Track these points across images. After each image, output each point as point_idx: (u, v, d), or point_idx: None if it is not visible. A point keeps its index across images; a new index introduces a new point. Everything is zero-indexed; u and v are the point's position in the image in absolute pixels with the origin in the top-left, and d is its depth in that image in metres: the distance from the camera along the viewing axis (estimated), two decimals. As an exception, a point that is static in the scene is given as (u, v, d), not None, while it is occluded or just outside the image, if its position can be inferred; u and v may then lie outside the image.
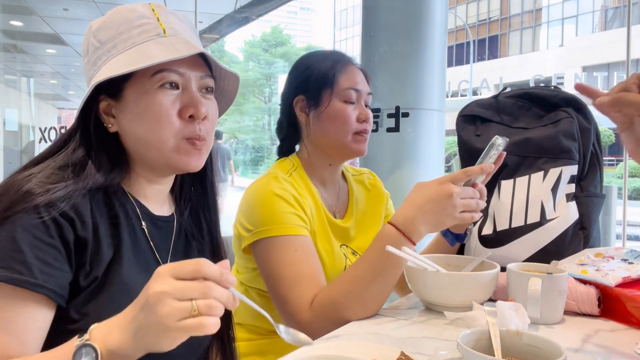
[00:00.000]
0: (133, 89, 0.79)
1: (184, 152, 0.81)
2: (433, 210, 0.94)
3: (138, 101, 0.79)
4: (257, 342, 1.19)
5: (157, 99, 0.79)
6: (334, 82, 1.17)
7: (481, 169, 0.98)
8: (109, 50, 0.79)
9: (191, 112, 0.80)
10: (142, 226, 0.84)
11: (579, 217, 1.16)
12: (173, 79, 0.80)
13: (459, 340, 0.61)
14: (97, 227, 0.76)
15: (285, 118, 1.25)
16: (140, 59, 0.76)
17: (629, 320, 0.90)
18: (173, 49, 0.78)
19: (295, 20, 66.75)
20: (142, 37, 0.79)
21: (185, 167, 0.83)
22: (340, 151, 1.20)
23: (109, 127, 0.82)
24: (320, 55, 1.24)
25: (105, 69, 0.78)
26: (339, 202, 1.28)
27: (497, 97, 1.35)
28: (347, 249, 1.23)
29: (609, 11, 31.45)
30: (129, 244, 0.80)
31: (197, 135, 0.81)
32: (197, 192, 0.95)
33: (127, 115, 0.80)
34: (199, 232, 0.94)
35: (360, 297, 0.94)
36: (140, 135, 0.80)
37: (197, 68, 0.83)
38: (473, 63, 26.85)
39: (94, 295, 0.73)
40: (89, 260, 0.74)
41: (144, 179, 0.86)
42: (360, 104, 1.20)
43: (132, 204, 0.84)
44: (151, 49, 0.78)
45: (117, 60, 0.78)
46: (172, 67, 0.79)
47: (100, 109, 0.81)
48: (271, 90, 39.47)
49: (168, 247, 0.88)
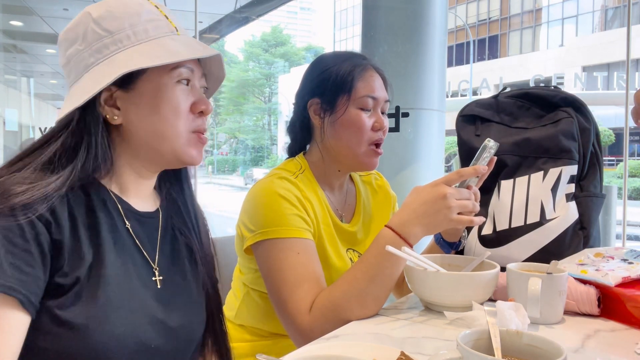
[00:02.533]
0: (149, 81, 0.80)
1: (193, 145, 0.84)
2: (428, 212, 0.94)
3: (155, 94, 0.80)
4: (258, 344, 1.18)
5: (175, 93, 0.81)
6: (351, 88, 1.13)
7: (475, 169, 0.97)
8: (121, 41, 0.79)
9: (202, 107, 0.84)
10: (125, 225, 0.83)
11: (578, 217, 1.16)
12: (187, 76, 0.83)
13: (459, 340, 0.61)
14: (76, 228, 0.75)
15: (299, 119, 1.22)
16: (166, 53, 0.78)
17: (629, 320, 0.90)
18: (192, 48, 0.81)
19: (295, 20, 66.77)
20: (157, 33, 0.81)
21: (191, 159, 0.85)
22: (351, 162, 1.17)
23: (113, 119, 0.80)
24: (339, 57, 1.19)
25: (124, 57, 0.78)
26: (346, 205, 1.26)
27: (497, 97, 1.35)
28: (353, 253, 1.21)
29: (609, 11, 31.45)
30: (111, 244, 0.79)
31: (204, 129, 0.86)
32: (175, 189, 0.95)
33: (140, 107, 0.80)
34: (185, 228, 0.93)
35: (360, 299, 0.94)
36: (154, 128, 0.81)
37: (199, 67, 0.87)
38: (473, 63, 26.85)
39: (78, 295, 0.72)
40: (67, 262, 0.72)
41: (135, 173, 0.86)
42: (377, 111, 1.17)
43: (113, 201, 0.82)
44: (172, 44, 0.80)
45: (139, 52, 0.78)
46: (187, 65, 0.82)
47: (102, 99, 0.80)
48: (271, 90, 39.49)
49: (155, 242, 0.87)
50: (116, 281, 0.76)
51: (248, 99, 39.21)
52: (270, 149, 38.29)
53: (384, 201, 1.33)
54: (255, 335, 1.20)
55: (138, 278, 0.81)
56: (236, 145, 41.96)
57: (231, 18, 8.51)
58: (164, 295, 0.84)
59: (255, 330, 1.19)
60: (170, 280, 0.86)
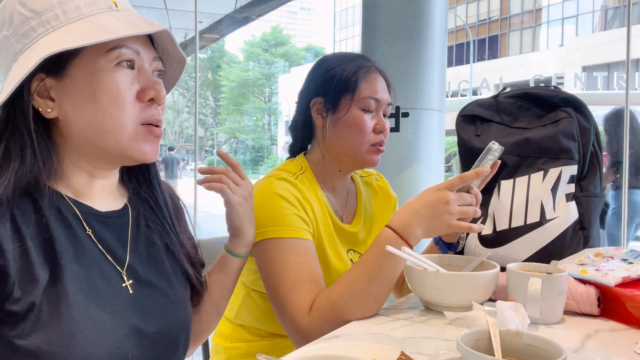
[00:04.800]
0: (83, 66, 0.69)
1: (142, 139, 0.73)
2: (429, 216, 0.95)
3: (90, 80, 0.69)
4: (258, 344, 1.18)
5: (115, 79, 0.70)
6: (355, 88, 1.14)
7: (476, 173, 0.98)
8: (49, 21, 0.68)
9: (152, 94, 0.73)
10: (86, 232, 0.73)
11: (578, 217, 1.16)
12: (130, 57, 0.71)
13: (459, 340, 0.61)
14: (24, 246, 0.65)
15: (301, 118, 1.22)
16: (99, 31, 0.67)
17: (629, 320, 0.90)
18: (133, 24, 0.70)
19: (295, 20, 66.78)
20: (92, 9, 0.70)
21: (142, 156, 0.75)
22: (353, 160, 1.18)
23: (46, 112, 0.70)
24: (344, 58, 1.19)
25: (51, 40, 0.67)
26: (347, 206, 1.26)
27: (497, 97, 1.35)
28: (354, 254, 1.21)
29: (609, 11, 31.45)
30: (71, 256, 0.69)
31: (157, 119, 0.74)
32: (144, 189, 0.86)
33: (75, 97, 0.70)
34: (157, 220, 0.85)
35: (359, 299, 0.94)
36: (92, 120, 0.70)
37: (149, 49, 0.75)
38: (473, 63, 26.85)
39: (37, 320, 0.64)
40: (16, 287, 0.64)
41: (85, 173, 0.75)
42: (379, 113, 1.17)
43: (68, 206, 0.72)
44: (108, 21, 0.69)
45: (68, 32, 0.68)
46: (129, 44, 0.71)
47: (32, 89, 0.69)
48: (271, 90, 39.52)
49: (125, 241, 0.78)
50: (80, 296, 0.68)
51: (248, 99, 39.22)
52: (270, 149, 38.29)
53: (384, 202, 1.34)
54: (255, 335, 1.20)
55: (106, 287, 0.72)
56: (236, 145, 41.96)
57: (231, 18, 8.51)
58: (138, 300, 0.75)
59: (255, 330, 1.19)
60: (143, 282, 0.78)
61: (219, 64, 40.48)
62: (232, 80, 37.64)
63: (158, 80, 0.75)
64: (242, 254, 0.97)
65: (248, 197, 0.95)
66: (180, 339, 0.82)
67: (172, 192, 0.94)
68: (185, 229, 0.93)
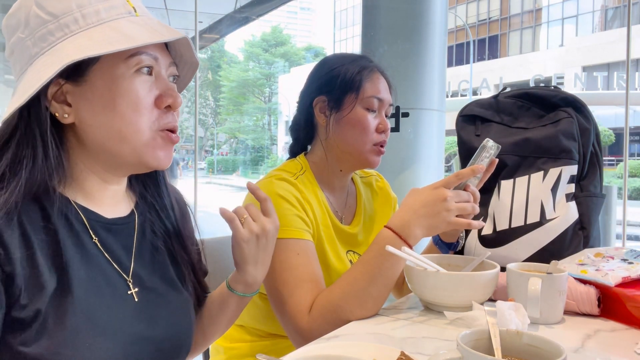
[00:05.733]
0: (102, 72, 0.69)
1: (159, 146, 0.73)
2: (427, 214, 0.95)
3: (110, 86, 0.69)
4: (258, 344, 1.18)
5: (134, 85, 0.70)
6: (359, 87, 1.14)
7: (472, 170, 0.98)
8: (68, 25, 0.68)
9: (169, 102, 0.73)
10: (92, 239, 0.73)
11: (578, 217, 1.16)
12: (150, 63, 0.71)
13: (459, 340, 0.61)
14: (32, 253, 0.65)
15: (303, 117, 1.22)
16: (120, 38, 0.67)
17: (629, 320, 0.90)
18: (153, 31, 0.69)
19: (295, 20, 66.80)
20: (111, 14, 0.69)
21: (157, 163, 0.74)
22: (355, 159, 1.18)
23: (63, 118, 0.70)
24: (347, 58, 1.20)
25: (71, 45, 0.67)
26: (347, 207, 1.26)
27: (497, 97, 1.35)
28: (354, 255, 1.21)
29: (609, 11, 31.46)
30: (78, 263, 0.69)
31: (174, 126, 0.74)
32: (151, 193, 0.85)
33: (93, 103, 0.69)
34: (163, 227, 0.85)
35: (359, 299, 0.94)
36: (110, 126, 0.70)
37: (166, 54, 0.75)
38: (473, 63, 26.85)
39: (43, 327, 0.64)
40: (24, 294, 0.64)
41: (99, 178, 0.75)
42: (381, 113, 1.18)
43: (76, 213, 0.72)
44: (129, 27, 0.68)
45: (89, 37, 0.67)
46: (148, 51, 0.70)
47: (49, 95, 0.69)
48: (271, 90, 39.51)
49: (130, 248, 0.78)
50: (86, 304, 0.67)
51: (248, 99, 39.22)
52: (270, 149, 38.30)
53: (384, 202, 1.34)
54: (255, 335, 1.20)
55: (113, 295, 0.72)
56: (236, 145, 41.97)
57: (231, 18, 8.52)
58: (143, 307, 0.75)
59: (255, 330, 1.19)
60: (148, 289, 0.78)
61: (219, 64, 40.50)
62: (232, 80, 37.64)
63: (174, 86, 0.75)
64: (239, 292, 0.90)
65: (261, 236, 0.86)
66: (183, 345, 0.82)
67: (179, 197, 0.93)
68: (190, 234, 0.92)
